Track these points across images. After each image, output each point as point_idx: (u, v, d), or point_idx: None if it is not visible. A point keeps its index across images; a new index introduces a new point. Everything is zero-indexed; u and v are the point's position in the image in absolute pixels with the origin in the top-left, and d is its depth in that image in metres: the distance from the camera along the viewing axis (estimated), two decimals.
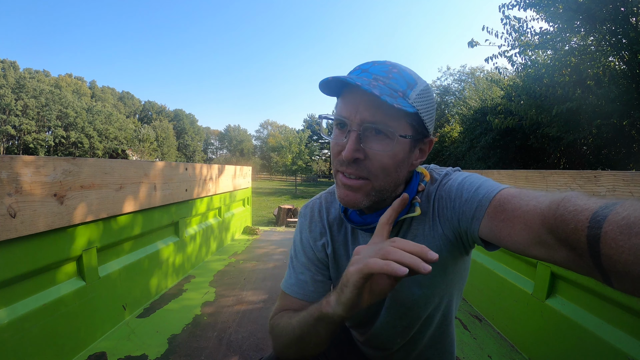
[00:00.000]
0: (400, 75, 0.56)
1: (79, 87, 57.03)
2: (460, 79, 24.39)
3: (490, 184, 0.54)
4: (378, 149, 0.54)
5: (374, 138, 0.54)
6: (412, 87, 0.55)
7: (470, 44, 7.14)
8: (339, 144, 0.56)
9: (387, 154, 0.54)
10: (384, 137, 0.54)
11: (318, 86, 0.56)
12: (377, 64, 0.57)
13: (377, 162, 0.55)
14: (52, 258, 1.30)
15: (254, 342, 1.57)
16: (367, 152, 0.54)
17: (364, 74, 0.56)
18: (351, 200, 0.58)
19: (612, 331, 1.11)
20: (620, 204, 0.33)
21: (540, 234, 0.41)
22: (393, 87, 0.54)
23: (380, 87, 0.52)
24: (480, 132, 13.15)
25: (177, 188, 2.30)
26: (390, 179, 0.57)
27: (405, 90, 0.54)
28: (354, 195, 0.57)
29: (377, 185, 0.56)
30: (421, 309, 0.67)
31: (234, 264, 2.84)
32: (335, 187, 0.61)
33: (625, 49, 5.95)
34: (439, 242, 0.61)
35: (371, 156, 0.54)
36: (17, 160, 1.11)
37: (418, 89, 0.56)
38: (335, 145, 0.58)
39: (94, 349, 1.45)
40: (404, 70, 0.57)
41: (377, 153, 0.54)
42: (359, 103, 0.53)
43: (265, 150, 58.78)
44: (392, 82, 0.54)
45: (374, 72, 0.56)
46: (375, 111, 0.53)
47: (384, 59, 0.61)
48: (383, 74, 0.55)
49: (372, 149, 0.54)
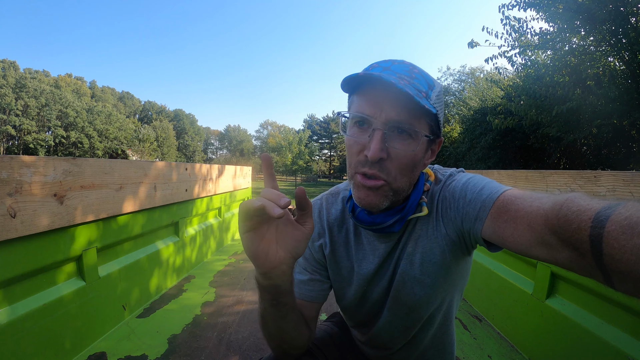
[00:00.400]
0: (421, 76, 0.56)
1: (79, 87, 57.04)
2: (460, 79, 24.39)
3: (493, 185, 0.54)
4: (401, 149, 0.53)
5: (397, 137, 0.54)
6: (432, 88, 0.56)
7: (470, 45, 7.15)
8: (359, 142, 0.55)
9: (410, 154, 0.54)
10: (407, 136, 0.54)
11: (341, 82, 0.55)
12: (396, 62, 0.57)
13: (398, 162, 0.54)
14: (52, 258, 1.30)
15: (254, 342, 1.57)
16: (390, 151, 0.54)
17: (386, 72, 0.55)
18: (372, 202, 0.57)
19: (612, 331, 1.11)
20: (623, 204, 0.33)
21: (543, 235, 0.41)
22: (417, 87, 0.54)
23: (408, 86, 0.52)
24: (480, 132, 13.16)
25: (177, 188, 2.30)
26: (407, 179, 0.57)
27: (427, 91, 0.55)
28: (374, 196, 0.56)
29: (395, 186, 0.56)
30: (423, 309, 0.67)
31: (234, 264, 2.84)
32: (353, 188, 0.59)
33: (625, 49, 5.96)
34: (442, 242, 0.61)
35: (394, 156, 0.54)
36: (17, 160, 1.11)
37: (436, 90, 0.57)
38: (355, 144, 0.56)
39: (94, 349, 1.45)
40: (423, 71, 0.57)
41: (399, 152, 0.54)
42: (382, 101, 0.53)
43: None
44: (415, 82, 0.54)
45: (397, 70, 0.55)
46: (401, 110, 0.52)
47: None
48: (406, 74, 0.55)
49: (395, 148, 0.53)
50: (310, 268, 0.72)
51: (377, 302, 0.71)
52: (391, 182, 0.55)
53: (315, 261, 0.72)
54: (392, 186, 0.56)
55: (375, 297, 0.70)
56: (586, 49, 6.61)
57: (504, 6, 6.73)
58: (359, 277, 0.69)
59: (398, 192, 0.57)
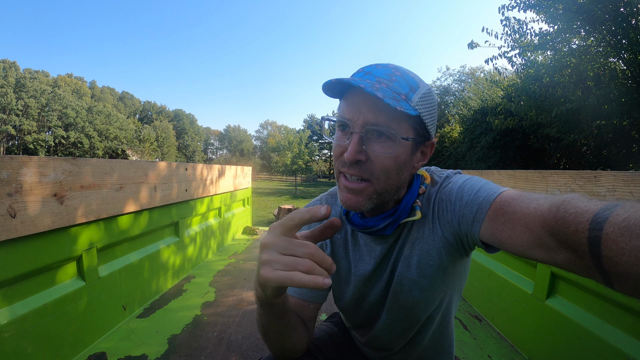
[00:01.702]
0: (402, 78, 0.56)
1: (79, 87, 56.97)
2: (460, 79, 24.40)
3: (490, 186, 0.54)
4: (380, 151, 0.54)
5: (376, 140, 0.54)
6: (414, 90, 0.56)
7: (470, 46, 7.15)
8: (341, 145, 0.57)
9: (389, 156, 0.54)
10: (386, 139, 0.54)
11: (321, 88, 0.56)
12: (380, 66, 0.58)
13: (378, 164, 0.55)
14: (52, 258, 1.30)
15: (254, 342, 1.57)
16: (369, 154, 0.54)
17: (367, 76, 0.56)
18: (354, 204, 0.57)
19: (612, 331, 1.11)
20: (620, 205, 0.33)
21: (541, 237, 0.41)
22: (396, 90, 0.54)
23: (384, 89, 0.52)
24: (480, 132, 13.16)
25: (177, 188, 2.30)
26: (391, 182, 0.57)
27: (408, 93, 0.55)
28: (356, 198, 0.57)
29: (379, 188, 0.56)
30: (421, 311, 0.67)
31: (234, 264, 2.84)
32: (338, 190, 0.61)
33: (625, 50, 5.96)
34: (439, 244, 0.61)
35: (373, 158, 0.54)
36: (17, 160, 1.11)
37: (420, 92, 0.56)
38: (337, 147, 0.58)
39: (94, 349, 1.45)
40: (407, 74, 0.57)
41: (378, 155, 0.54)
42: (361, 105, 0.53)
43: (265, 151, 58.80)
44: (395, 85, 0.55)
45: (377, 74, 0.56)
46: (378, 113, 0.53)
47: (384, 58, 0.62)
48: (386, 77, 0.55)
49: (374, 150, 0.54)
50: None
51: (375, 304, 0.71)
52: (374, 182, 0.56)
53: None
54: (375, 187, 0.56)
55: (373, 299, 0.70)
56: (586, 49, 6.61)
57: (503, 7, 6.73)
58: (356, 278, 0.70)
59: (382, 194, 0.57)
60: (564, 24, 6.24)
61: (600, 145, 8.58)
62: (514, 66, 7.50)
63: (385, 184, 0.56)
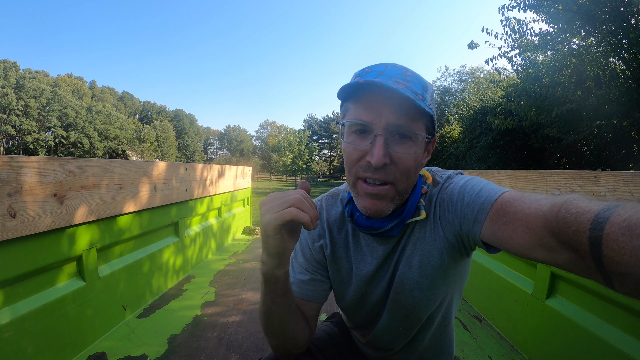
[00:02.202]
0: (415, 78, 0.56)
1: (79, 87, 56.98)
2: (460, 79, 24.40)
3: (492, 187, 0.54)
4: (403, 152, 0.54)
5: (398, 142, 0.54)
6: (426, 90, 0.56)
7: (470, 46, 7.15)
8: (359, 149, 0.55)
9: (412, 157, 0.54)
10: (408, 140, 0.54)
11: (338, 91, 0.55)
12: (389, 66, 0.57)
13: (402, 166, 0.54)
14: (52, 258, 1.30)
15: (254, 342, 1.57)
16: (393, 155, 0.54)
17: (381, 76, 0.54)
18: (378, 209, 0.57)
19: (612, 331, 1.11)
20: (621, 206, 0.33)
21: (542, 237, 0.41)
22: (413, 90, 0.54)
23: (405, 90, 0.52)
24: (480, 132, 13.16)
25: (177, 188, 2.30)
26: (411, 181, 0.57)
27: (422, 92, 0.55)
28: (380, 203, 0.56)
29: (401, 189, 0.57)
30: (422, 311, 0.67)
31: (234, 264, 2.84)
32: (356, 197, 0.59)
33: (625, 50, 5.96)
34: (440, 245, 0.61)
35: (397, 160, 0.54)
36: (17, 160, 1.11)
37: (430, 91, 0.57)
38: (355, 151, 0.56)
39: (94, 349, 1.45)
40: (416, 73, 0.57)
41: (402, 156, 0.54)
42: (381, 107, 0.53)
43: (265, 151, 58.82)
44: (410, 85, 0.54)
45: (392, 74, 0.54)
46: (399, 114, 0.52)
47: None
48: (401, 77, 0.54)
49: (397, 152, 0.54)
50: (311, 268, 0.72)
51: (376, 304, 0.71)
52: (397, 184, 0.56)
53: (316, 261, 0.72)
54: (398, 189, 0.56)
55: (374, 299, 0.70)
56: (586, 49, 6.61)
57: (503, 7, 6.73)
58: (358, 278, 0.70)
59: (403, 195, 0.58)
60: (564, 24, 6.24)
61: (600, 145, 8.57)
62: (514, 66, 7.50)
63: (406, 184, 0.57)
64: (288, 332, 0.61)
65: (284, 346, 0.63)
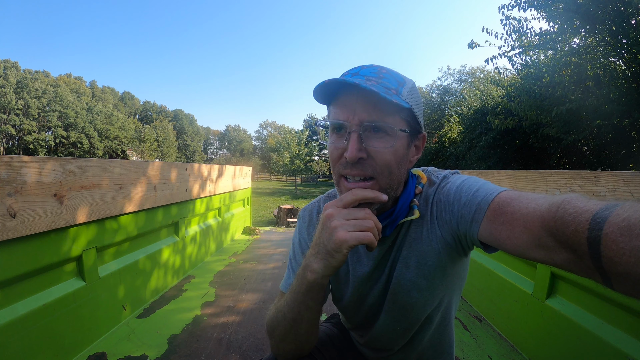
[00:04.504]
0: (389, 75, 0.57)
1: (78, 87, 56.96)
2: (460, 79, 24.36)
3: (488, 186, 0.54)
4: (379, 147, 0.54)
5: (373, 136, 0.54)
6: (402, 85, 0.57)
7: (470, 46, 7.15)
8: (339, 147, 0.56)
9: (389, 150, 0.55)
10: (383, 134, 0.54)
11: (312, 94, 0.57)
12: (365, 67, 0.59)
13: (380, 160, 0.55)
14: (52, 258, 1.30)
15: (254, 342, 1.57)
16: (370, 150, 0.54)
17: (355, 77, 0.56)
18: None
19: (612, 331, 1.11)
20: (620, 205, 0.33)
21: (540, 237, 0.41)
22: (386, 86, 0.55)
23: (375, 86, 0.53)
24: (481, 131, 13.15)
25: (177, 188, 2.30)
26: (393, 177, 0.57)
27: (397, 87, 0.56)
28: None
29: (384, 184, 0.56)
30: (420, 312, 0.67)
31: (234, 264, 2.84)
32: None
33: (625, 50, 5.96)
34: (438, 245, 0.61)
35: (374, 154, 0.54)
36: (17, 160, 1.11)
37: (408, 87, 0.58)
38: (335, 150, 0.57)
39: (94, 349, 1.45)
40: (392, 71, 0.59)
41: (378, 151, 0.54)
42: (354, 105, 0.54)
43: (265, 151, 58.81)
44: (383, 81, 0.56)
45: (365, 74, 0.57)
46: (372, 110, 0.53)
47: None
48: (374, 75, 0.56)
49: (373, 146, 0.54)
50: None
51: (374, 305, 0.71)
52: (378, 179, 0.56)
53: None
54: (380, 184, 0.56)
55: (372, 300, 0.70)
56: (586, 49, 6.60)
57: (504, 6, 6.73)
58: (355, 279, 0.70)
59: (387, 190, 0.58)
60: (564, 23, 6.23)
61: (600, 145, 8.56)
62: (514, 66, 7.50)
63: (388, 179, 0.57)
64: (312, 337, 0.63)
65: (301, 350, 0.65)
